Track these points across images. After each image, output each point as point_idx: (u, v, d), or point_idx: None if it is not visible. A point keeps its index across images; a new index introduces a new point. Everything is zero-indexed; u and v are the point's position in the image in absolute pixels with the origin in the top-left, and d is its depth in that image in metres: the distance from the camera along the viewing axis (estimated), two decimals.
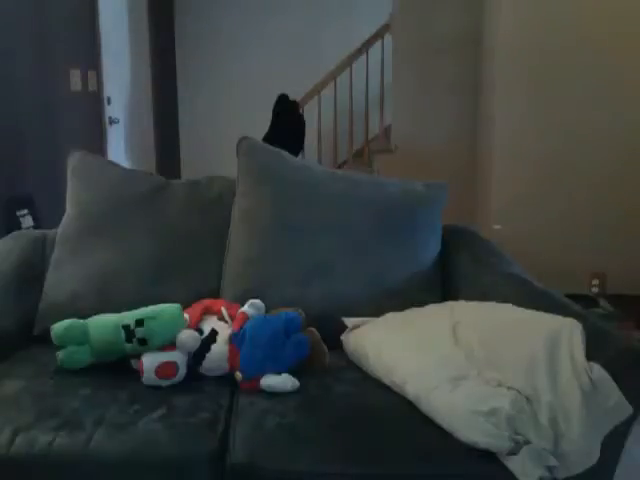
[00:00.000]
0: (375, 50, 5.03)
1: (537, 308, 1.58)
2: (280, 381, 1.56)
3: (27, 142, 3.35)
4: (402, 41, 4.50)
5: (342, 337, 1.79)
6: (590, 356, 1.38)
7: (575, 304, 1.64)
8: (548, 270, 2.55)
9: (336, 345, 1.76)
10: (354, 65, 5.14)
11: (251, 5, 5.93)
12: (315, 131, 5.25)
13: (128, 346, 1.61)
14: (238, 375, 1.60)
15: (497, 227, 3.64)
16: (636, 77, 3.47)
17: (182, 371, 1.59)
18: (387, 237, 1.95)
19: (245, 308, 1.74)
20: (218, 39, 5.99)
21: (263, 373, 1.57)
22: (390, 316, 1.80)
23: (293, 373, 1.58)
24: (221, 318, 1.72)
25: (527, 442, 1.28)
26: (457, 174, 4.19)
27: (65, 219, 2.06)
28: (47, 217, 3.16)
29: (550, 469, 1.27)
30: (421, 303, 1.85)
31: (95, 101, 4.19)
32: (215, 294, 1.91)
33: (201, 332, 1.66)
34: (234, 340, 1.64)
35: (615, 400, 1.33)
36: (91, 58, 4.10)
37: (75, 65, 3.87)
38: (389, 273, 1.93)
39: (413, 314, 1.80)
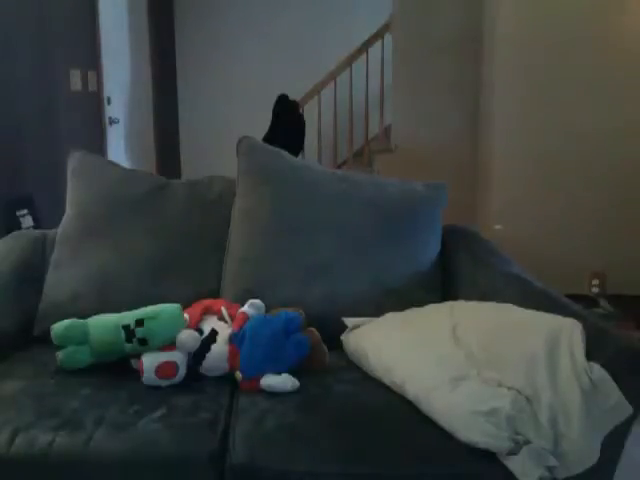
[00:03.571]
0: (375, 50, 5.03)
1: (537, 308, 1.58)
2: (280, 381, 1.56)
3: (27, 142, 3.36)
4: (402, 41, 4.50)
5: (342, 337, 1.79)
6: (590, 356, 1.38)
7: (575, 304, 1.64)
8: (548, 270, 2.55)
9: (336, 345, 1.76)
10: (354, 65, 5.13)
11: (251, 5, 5.93)
12: (315, 131, 5.25)
13: (128, 346, 1.61)
14: (238, 375, 1.60)
15: (497, 227, 3.64)
16: (636, 76, 3.47)
17: (182, 371, 1.59)
18: (387, 237, 1.95)
19: (245, 308, 1.74)
20: (218, 39, 5.99)
21: (263, 373, 1.57)
22: (390, 316, 1.80)
23: (293, 373, 1.58)
24: (221, 318, 1.72)
25: (527, 442, 1.28)
26: (457, 174, 4.19)
27: (65, 219, 2.06)
28: (47, 217, 3.16)
29: (550, 469, 1.27)
30: (421, 303, 1.85)
31: (95, 101, 4.19)
32: (215, 294, 1.91)
33: (201, 332, 1.66)
34: (234, 340, 1.64)
35: (615, 400, 1.33)
36: (91, 58, 4.10)
37: (75, 65, 3.87)
38: (389, 273, 1.93)
39: (413, 314, 1.80)
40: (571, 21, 3.49)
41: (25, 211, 3.19)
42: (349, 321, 1.80)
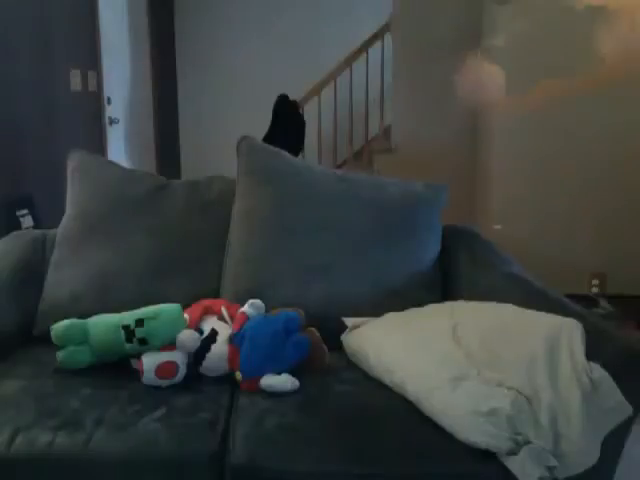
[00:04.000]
0: (375, 50, 5.02)
1: (537, 308, 1.58)
2: (280, 381, 1.56)
3: (27, 142, 3.36)
4: (402, 41, 4.50)
5: (342, 337, 1.79)
6: (590, 356, 1.38)
7: (575, 304, 1.64)
8: (548, 270, 2.55)
9: (336, 345, 1.76)
10: (354, 65, 5.13)
11: (251, 5, 5.93)
12: (315, 131, 5.25)
13: (128, 346, 1.61)
14: (238, 375, 1.60)
15: (497, 227, 3.64)
16: (636, 76, 3.47)
17: (182, 371, 1.59)
18: (387, 237, 1.95)
19: (245, 308, 1.74)
20: (218, 39, 5.99)
21: (263, 373, 1.57)
22: (390, 316, 1.80)
23: (293, 373, 1.58)
24: (221, 318, 1.72)
25: (527, 442, 1.28)
26: (457, 174, 4.18)
27: (65, 219, 2.06)
28: (47, 217, 3.16)
29: (550, 469, 1.27)
30: (421, 303, 1.85)
31: (95, 101, 4.19)
32: (215, 294, 1.91)
33: (201, 332, 1.66)
34: (234, 340, 1.64)
35: (615, 400, 1.33)
36: (91, 58, 4.10)
37: (75, 65, 3.87)
38: (389, 273, 1.93)
39: (413, 314, 1.80)
40: (571, 20, 3.49)
41: (25, 211, 3.19)
42: (349, 321, 1.80)
